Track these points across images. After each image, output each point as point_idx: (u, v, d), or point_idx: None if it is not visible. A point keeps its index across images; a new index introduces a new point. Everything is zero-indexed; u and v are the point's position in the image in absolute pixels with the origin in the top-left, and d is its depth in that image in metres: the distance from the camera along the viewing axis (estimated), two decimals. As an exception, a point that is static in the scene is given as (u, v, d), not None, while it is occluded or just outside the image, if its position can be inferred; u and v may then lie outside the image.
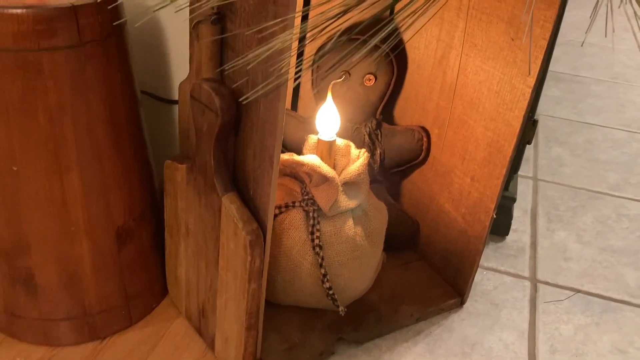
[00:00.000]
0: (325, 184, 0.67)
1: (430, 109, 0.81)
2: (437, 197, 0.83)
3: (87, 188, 0.63)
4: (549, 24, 0.62)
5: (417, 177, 0.86)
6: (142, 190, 0.70)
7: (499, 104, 0.70)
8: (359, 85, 0.79)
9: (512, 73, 0.67)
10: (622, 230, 1.01)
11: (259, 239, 0.59)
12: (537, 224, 1.01)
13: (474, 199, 0.76)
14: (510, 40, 0.67)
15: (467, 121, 0.75)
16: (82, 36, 0.57)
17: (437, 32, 0.77)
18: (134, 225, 0.70)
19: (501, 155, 0.71)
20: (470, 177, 0.76)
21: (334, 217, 0.69)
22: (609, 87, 1.60)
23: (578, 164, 1.21)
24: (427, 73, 0.80)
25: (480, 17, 0.70)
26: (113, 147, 0.64)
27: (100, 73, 0.60)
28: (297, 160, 0.67)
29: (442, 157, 0.80)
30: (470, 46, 0.72)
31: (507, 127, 0.69)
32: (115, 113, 0.63)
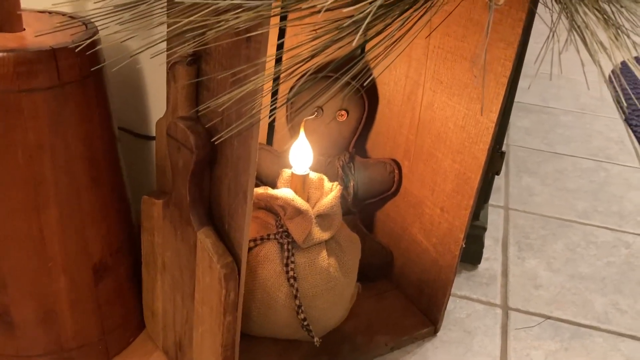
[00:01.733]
0: (299, 217, 0.69)
1: (401, 143, 0.83)
2: (409, 228, 0.85)
3: (64, 225, 0.65)
4: (509, 62, 0.65)
5: (390, 208, 0.88)
6: (119, 225, 0.71)
7: (465, 138, 0.73)
8: (331, 121, 0.82)
9: (476, 109, 0.71)
10: (590, 257, 1.05)
11: (234, 272, 0.60)
12: (508, 253, 1.04)
13: (444, 229, 0.79)
14: (474, 77, 0.70)
15: (435, 154, 0.78)
16: (62, 78, 0.59)
17: (405, 69, 0.80)
18: (111, 260, 0.71)
19: (468, 186, 0.74)
20: (440, 207, 0.79)
21: (308, 249, 0.71)
22: (577, 118, 1.66)
23: (548, 192, 1.25)
24: (397, 108, 0.83)
25: (446, 55, 0.73)
26: (91, 184, 0.65)
27: (79, 113, 0.62)
28: (271, 194, 0.69)
29: (413, 189, 0.83)
30: (436, 83, 0.76)
31: (473, 160, 0.72)
32: (94, 151, 0.65)
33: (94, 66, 0.62)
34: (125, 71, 0.82)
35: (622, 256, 1.06)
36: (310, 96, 0.81)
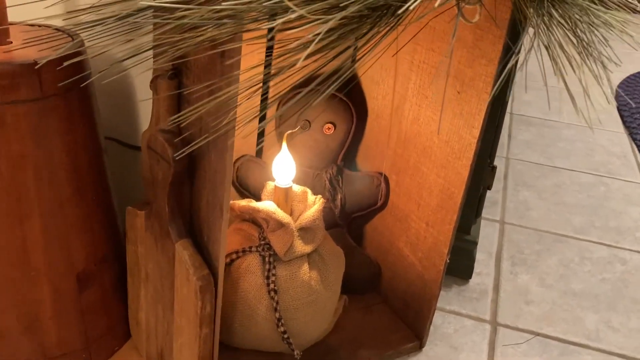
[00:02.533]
0: (281, 230, 0.70)
1: (389, 157, 0.84)
2: (396, 242, 0.85)
3: (48, 235, 0.65)
4: (490, 78, 0.65)
5: (378, 221, 0.88)
6: (104, 235, 0.72)
7: (449, 153, 0.73)
8: (319, 134, 0.82)
9: (459, 124, 0.71)
10: (584, 273, 1.04)
11: (210, 285, 0.60)
12: (501, 267, 1.03)
13: (429, 244, 0.79)
14: (457, 93, 0.70)
15: (421, 168, 0.78)
16: (44, 90, 0.60)
17: (392, 83, 0.80)
18: (95, 270, 0.72)
19: (452, 201, 0.74)
20: (425, 222, 0.79)
21: (289, 262, 0.71)
22: (579, 132, 1.65)
23: (545, 207, 1.24)
24: (385, 122, 0.83)
25: (430, 70, 0.74)
26: (74, 194, 0.66)
27: (62, 124, 0.63)
28: (254, 206, 0.70)
29: (399, 203, 0.83)
30: (422, 98, 0.76)
31: (457, 175, 0.72)
32: (77, 162, 0.66)
33: (78, 78, 0.64)
34: (116, 81, 0.83)
35: (617, 273, 1.04)
36: (297, 110, 0.81)
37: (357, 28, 0.41)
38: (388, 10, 0.43)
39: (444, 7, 0.54)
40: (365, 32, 0.42)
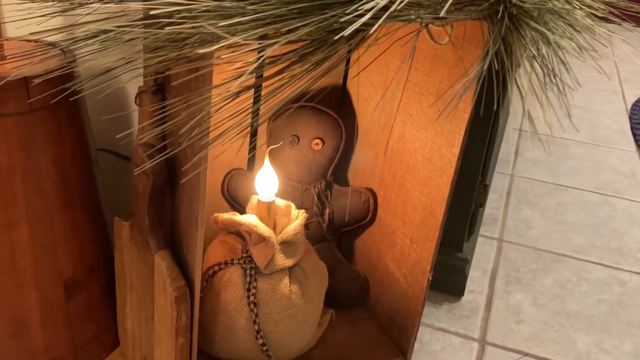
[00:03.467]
0: (263, 243, 0.71)
1: (377, 173, 0.84)
2: (383, 258, 0.86)
3: (35, 242, 0.68)
4: (469, 98, 0.66)
5: (366, 236, 0.89)
6: (93, 244, 0.74)
7: (431, 171, 0.73)
8: (307, 149, 0.83)
9: (440, 142, 0.71)
10: (580, 294, 1.02)
11: (185, 296, 0.62)
12: (495, 286, 1.02)
13: (413, 260, 0.79)
14: (438, 111, 0.71)
15: (405, 185, 0.79)
16: (33, 104, 0.63)
17: (380, 101, 0.81)
18: (83, 278, 0.74)
19: (434, 219, 0.74)
20: (409, 238, 0.79)
21: (270, 275, 0.72)
22: (589, 150, 1.63)
23: (546, 226, 1.23)
24: (373, 138, 0.84)
25: (415, 89, 0.74)
26: (62, 204, 0.68)
27: (51, 137, 0.65)
28: (236, 219, 0.71)
29: (386, 219, 0.84)
30: (407, 116, 0.77)
31: (438, 193, 0.73)
32: (65, 172, 0.68)
33: (67, 92, 0.66)
34: (112, 94, 0.86)
35: (615, 294, 1.03)
36: (286, 125, 0.83)
37: (311, 52, 0.42)
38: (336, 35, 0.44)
39: (411, 27, 0.55)
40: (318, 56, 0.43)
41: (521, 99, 0.47)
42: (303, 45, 0.42)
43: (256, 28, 0.37)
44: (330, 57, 0.44)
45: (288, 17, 0.38)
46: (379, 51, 0.80)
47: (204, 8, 0.36)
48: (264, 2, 0.37)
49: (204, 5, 0.36)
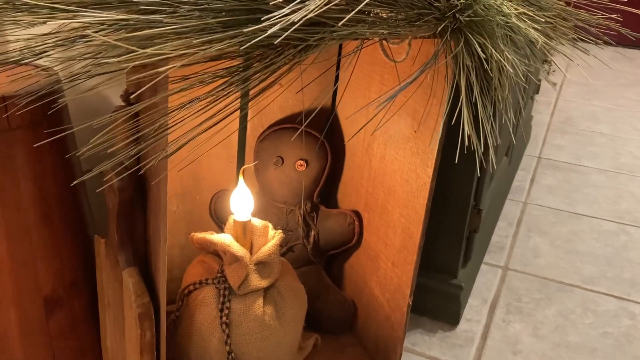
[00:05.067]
0: (236, 263, 0.71)
1: (362, 194, 0.84)
2: (368, 281, 0.84)
3: (14, 258, 0.69)
4: (440, 118, 0.65)
5: (354, 260, 0.88)
6: (74, 261, 0.75)
7: (409, 192, 0.72)
8: (291, 170, 0.83)
9: (416, 163, 0.70)
10: (585, 325, 0.98)
11: (149, 313, 0.62)
12: (494, 315, 0.99)
13: (395, 285, 0.77)
14: (414, 132, 0.70)
15: (387, 207, 0.77)
16: (11, 123, 0.65)
17: (363, 122, 0.81)
18: (64, 294, 0.75)
19: (412, 241, 0.73)
20: (391, 262, 0.78)
21: (244, 296, 0.71)
22: (610, 178, 1.57)
23: (555, 255, 1.19)
24: (358, 160, 0.83)
25: (393, 109, 0.74)
26: (41, 220, 0.70)
27: (30, 155, 0.67)
28: (209, 239, 0.71)
29: (371, 242, 0.82)
30: (387, 137, 0.76)
31: (415, 214, 0.71)
32: (45, 190, 0.70)
33: (50, 111, 0.68)
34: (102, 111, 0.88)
35: (623, 327, 0.98)
36: (272, 146, 0.83)
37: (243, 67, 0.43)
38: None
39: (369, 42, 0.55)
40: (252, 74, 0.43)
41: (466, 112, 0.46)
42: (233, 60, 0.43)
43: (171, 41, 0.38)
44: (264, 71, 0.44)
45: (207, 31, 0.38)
46: (363, 73, 0.80)
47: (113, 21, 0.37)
48: (181, 16, 0.38)
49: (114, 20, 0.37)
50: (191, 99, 0.48)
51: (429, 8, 0.48)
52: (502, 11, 0.49)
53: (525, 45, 0.54)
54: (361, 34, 0.46)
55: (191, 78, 0.46)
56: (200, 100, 0.48)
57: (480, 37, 0.47)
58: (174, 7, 0.40)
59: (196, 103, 0.48)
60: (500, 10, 0.49)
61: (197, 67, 0.47)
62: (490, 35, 0.48)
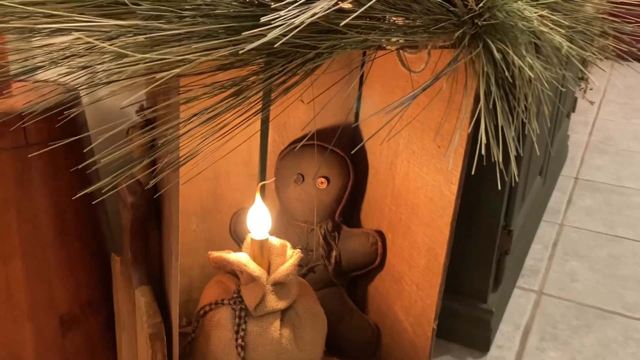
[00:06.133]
0: (253, 283, 0.68)
1: (385, 214, 0.81)
2: (392, 305, 0.80)
3: (30, 275, 0.69)
4: (464, 132, 0.62)
5: (377, 282, 0.84)
6: (91, 280, 0.74)
7: (433, 211, 0.69)
8: (312, 188, 0.81)
9: (440, 180, 0.67)
10: (627, 355, 0.92)
11: (160, 333, 0.60)
12: (527, 342, 0.94)
13: (419, 308, 0.74)
14: (437, 147, 0.67)
15: (411, 227, 0.74)
16: (29, 139, 0.65)
17: (387, 138, 0.78)
18: (80, 313, 0.74)
19: (437, 262, 0.69)
20: (416, 284, 0.74)
21: (261, 318, 0.69)
22: (653, 199, 1.50)
23: (594, 279, 1.13)
24: (381, 178, 0.81)
25: (416, 124, 0.71)
26: (57, 237, 0.69)
27: (47, 171, 0.67)
28: (226, 257, 0.69)
29: (395, 263, 0.79)
30: (410, 153, 0.73)
31: (440, 234, 0.68)
32: (61, 206, 0.69)
33: (69, 128, 0.68)
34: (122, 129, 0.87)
35: (668, 358, 0.92)
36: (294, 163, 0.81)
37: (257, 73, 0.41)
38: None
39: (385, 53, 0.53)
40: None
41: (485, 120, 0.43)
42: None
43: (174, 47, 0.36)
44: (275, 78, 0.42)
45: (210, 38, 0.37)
46: (385, 88, 0.78)
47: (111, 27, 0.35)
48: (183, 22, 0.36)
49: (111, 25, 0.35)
50: (200, 109, 0.47)
51: (446, 14, 0.46)
52: (523, 16, 0.46)
53: (551, 53, 0.51)
54: (374, 41, 0.44)
55: (198, 88, 0.45)
56: (208, 111, 0.47)
57: (500, 43, 0.44)
58: (176, 13, 0.38)
59: (205, 114, 0.47)
60: (522, 15, 0.47)
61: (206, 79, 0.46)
62: (512, 41, 0.46)
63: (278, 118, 0.84)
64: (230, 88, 0.45)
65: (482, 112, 0.44)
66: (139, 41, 0.37)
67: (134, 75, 0.39)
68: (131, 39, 0.36)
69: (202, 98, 0.45)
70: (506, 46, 0.44)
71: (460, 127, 0.62)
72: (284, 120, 0.84)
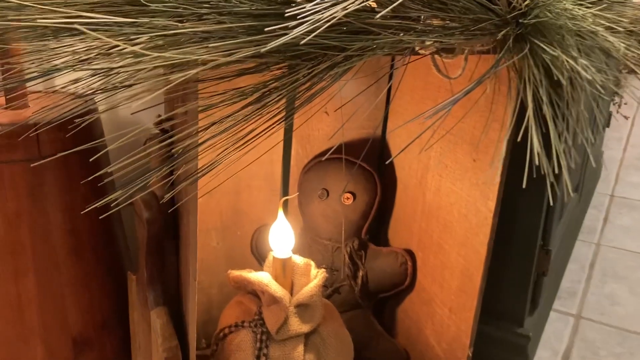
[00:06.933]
0: (275, 305, 0.64)
1: (415, 231, 0.76)
2: (423, 328, 0.76)
3: (43, 293, 0.66)
4: (502, 144, 0.58)
5: (407, 304, 0.80)
6: (106, 299, 0.71)
7: (467, 229, 0.64)
8: (337, 203, 0.77)
9: (476, 195, 0.63)
10: (676, 386, 0.85)
11: (177, 358, 0.56)
12: (567, 370, 0.88)
13: (452, 333, 0.69)
14: (472, 161, 0.63)
15: (443, 246, 0.70)
16: (42, 151, 0.62)
17: (417, 152, 0.74)
18: (94, 335, 0.71)
19: (471, 284, 0.64)
20: (448, 307, 0.69)
21: (284, 342, 0.65)
22: (695, 218, 1.43)
23: (635, 303, 1.06)
24: (411, 193, 0.76)
25: (449, 137, 0.67)
26: (71, 254, 0.66)
27: (60, 185, 0.64)
28: (246, 277, 0.65)
29: (425, 284, 0.74)
30: (442, 167, 0.69)
31: (475, 254, 0.63)
32: (75, 222, 0.66)
33: (85, 140, 0.65)
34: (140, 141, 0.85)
35: None
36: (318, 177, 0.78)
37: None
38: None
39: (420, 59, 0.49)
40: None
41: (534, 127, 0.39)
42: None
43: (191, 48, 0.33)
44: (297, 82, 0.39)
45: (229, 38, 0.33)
46: (415, 99, 0.74)
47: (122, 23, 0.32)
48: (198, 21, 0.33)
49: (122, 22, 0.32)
50: (219, 118, 0.43)
51: (486, 13, 0.42)
52: (573, 15, 0.42)
53: (600, 57, 0.47)
54: (409, 43, 0.40)
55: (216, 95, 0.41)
56: (229, 120, 0.43)
57: (548, 45, 0.40)
58: (194, 12, 0.35)
59: (224, 122, 0.43)
60: (571, 14, 0.42)
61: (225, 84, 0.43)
62: (560, 43, 0.41)
63: (301, 130, 0.80)
64: (251, 95, 0.41)
65: (530, 120, 0.39)
66: (154, 40, 0.34)
67: (151, 77, 0.35)
68: (145, 38, 0.33)
69: (220, 106, 0.42)
70: (554, 47, 0.40)
71: (500, 138, 0.58)
72: (307, 133, 0.81)
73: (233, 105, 0.43)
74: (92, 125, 0.67)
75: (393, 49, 0.41)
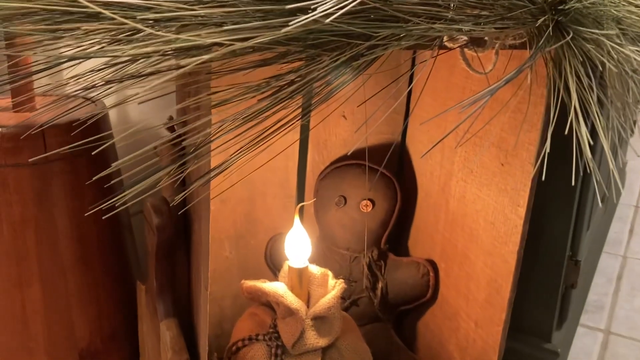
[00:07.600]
0: (291, 317, 0.61)
1: (438, 241, 0.72)
2: (446, 343, 0.72)
3: (48, 304, 0.63)
4: (533, 146, 0.54)
5: (428, 318, 0.76)
6: (114, 310, 0.68)
7: (495, 237, 0.61)
8: (355, 211, 0.74)
9: (504, 202, 0.59)
10: None
11: (186, 373, 0.53)
12: (598, 388, 0.83)
13: (479, 349, 0.65)
14: (500, 165, 0.59)
15: (468, 256, 0.66)
16: (49, 155, 0.60)
17: (439, 158, 0.71)
18: (102, 347, 0.68)
19: (500, 296, 0.61)
20: (474, 321, 0.66)
21: (300, 357, 0.61)
22: None
23: (667, 317, 1.01)
24: (433, 201, 0.73)
25: (474, 140, 0.63)
26: (78, 263, 0.64)
27: (68, 190, 0.62)
28: (260, 287, 0.62)
29: (449, 296, 0.71)
30: (467, 172, 0.65)
31: (504, 264, 0.60)
32: (83, 229, 0.63)
33: (90, 144, 0.63)
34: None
35: None
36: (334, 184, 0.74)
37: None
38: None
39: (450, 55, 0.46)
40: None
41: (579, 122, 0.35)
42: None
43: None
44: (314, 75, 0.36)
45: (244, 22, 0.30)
46: (438, 102, 0.70)
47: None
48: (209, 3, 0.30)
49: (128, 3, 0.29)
50: (231, 115, 0.40)
51: (522, 0, 0.39)
52: (614, 2, 0.39)
53: None
54: (440, 31, 0.37)
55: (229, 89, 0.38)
56: (243, 116, 0.40)
57: (592, 33, 0.37)
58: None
59: (237, 119, 0.40)
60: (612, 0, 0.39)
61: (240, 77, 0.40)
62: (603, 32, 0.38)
63: (318, 136, 0.77)
64: (267, 88, 0.38)
65: (573, 117, 0.36)
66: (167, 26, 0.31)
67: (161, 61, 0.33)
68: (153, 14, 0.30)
69: (233, 101, 0.39)
70: (598, 37, 0.37)
71: (530, 142, 0.54)
72: (324, 138, 0.78)
73: (247, 102, 0.40)
74: (100, 128, 0.64)
75: (422, 38, 0.38)
